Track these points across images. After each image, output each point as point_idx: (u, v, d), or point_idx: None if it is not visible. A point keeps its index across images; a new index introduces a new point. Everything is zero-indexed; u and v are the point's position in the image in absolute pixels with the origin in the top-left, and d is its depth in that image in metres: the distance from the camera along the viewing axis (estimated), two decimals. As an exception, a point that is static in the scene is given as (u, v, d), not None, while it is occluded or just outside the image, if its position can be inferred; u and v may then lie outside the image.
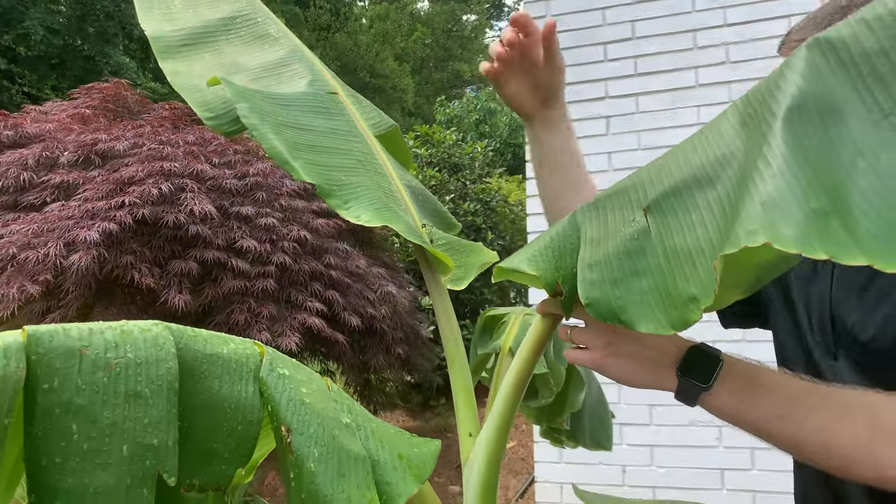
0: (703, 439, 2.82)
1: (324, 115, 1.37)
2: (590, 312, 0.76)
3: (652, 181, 0.77)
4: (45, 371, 0.61)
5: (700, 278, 0.65)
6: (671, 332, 0.67)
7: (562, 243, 0.87)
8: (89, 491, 0.61)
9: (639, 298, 0.71)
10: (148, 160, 3.06)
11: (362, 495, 0.74)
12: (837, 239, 0.52)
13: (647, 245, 0.72)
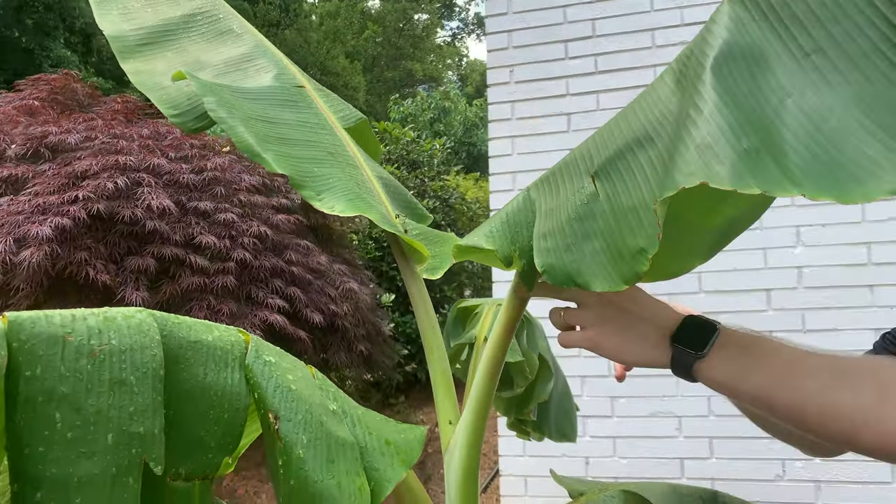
0: (663, 430, 2.88)
1: (292, 108, 1.36)
2: (546, 280, 0.77)
3: (598, 148, 0.79)
4: (27, 358, 0.59)
5: (645, 230, 0.66)
6: (623, 287, 0.69)
7: (517, 218, 0.89)
8: (73, 480, 0.59)
9: (591, 259, 0.73)
10: (101, 154, 2.97)
11: (352, 481, 0.74)
12: (769, 174, 0.55)
13: (596, 208, 0.74)
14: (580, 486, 1.20)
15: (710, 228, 0.85)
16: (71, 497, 0.59)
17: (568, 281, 0.75)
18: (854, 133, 0.52)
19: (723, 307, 2.86)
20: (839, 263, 2.72)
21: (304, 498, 0.71)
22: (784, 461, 2.73)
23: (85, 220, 2.71)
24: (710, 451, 2.80)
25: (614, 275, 0.71)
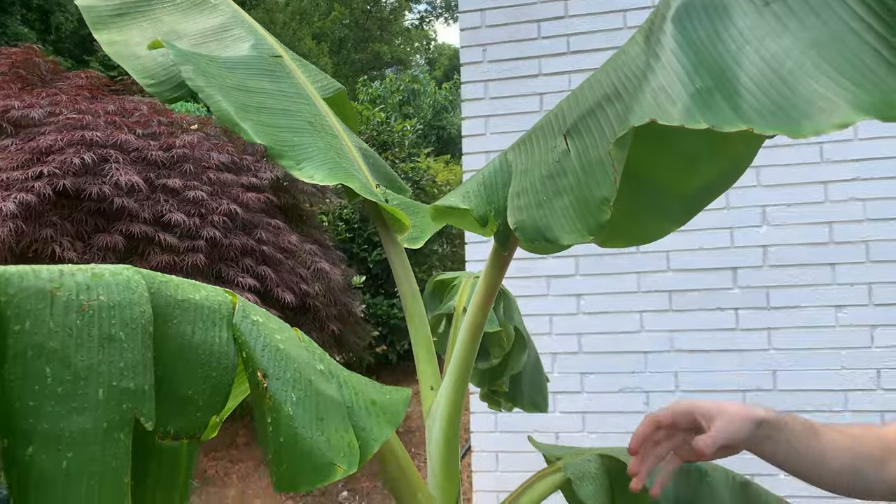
0: (631, 405, 2.95)
1: (269, 78, 1.35)
2: (518, 236, 0.79)
3: (571, 108, 0.81)
4: (15, 312, 0.59)
5: (609, 180, 0.68)
6: (589, 238, 0.71)
7: (494, 179, 0.90)
8: (65, 435, 0.59)
9: (561, 214, 0.75)
10: (66, 129, 2.90)
11: (341, 437, 0.75)
12: (720, 112, 0.57)
13: (567, 165, 0.76)
14: (557, 451, 1.23)
15: (683, 194, 0.87)
16: (63, 451, 0.59)
17: (538, 236, 0.77)
18: (809, 73, 0.54)
19: (690, 285, 2.92)
20: (802, 242, 2.79)
21: (294, 454, 0.72)
22: (748, 434, 2.81)
23: (50, 197, 2.65)
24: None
25: (581, 227, 0.72)
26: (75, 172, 2.75)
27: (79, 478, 0.59)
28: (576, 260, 3.09)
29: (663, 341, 2.95)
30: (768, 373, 2.80)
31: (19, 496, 0.58)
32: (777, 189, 2.84)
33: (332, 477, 0.72)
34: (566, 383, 3.03)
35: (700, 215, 3.00)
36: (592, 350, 3.04)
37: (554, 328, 3.09)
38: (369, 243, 5.84)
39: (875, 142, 2.74)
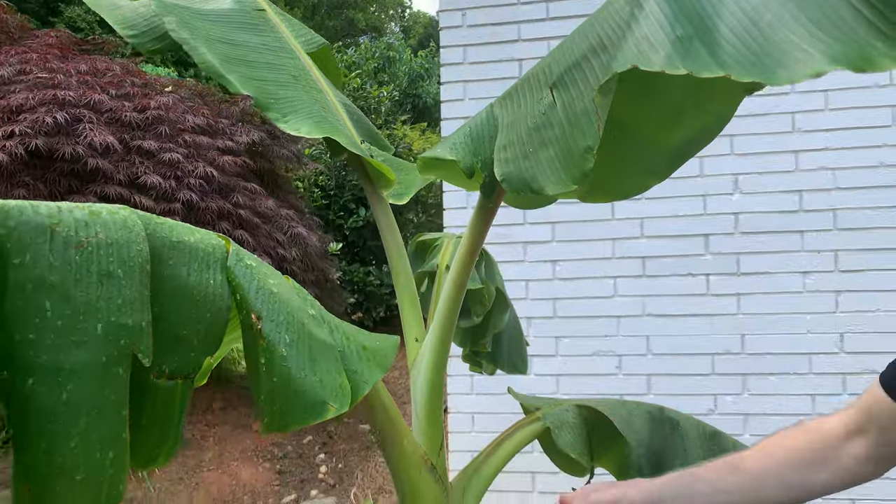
0: (604, 368, 3.01)
1: (253, 31, 1.34)
2: (504, 187, 0.80)
3: (557, 61, 0.83)
4: (15, 245, 0.59)
5: (593, 130, 0.70)
6: (572, 187, 0.73)
7: (480, 132, 0.91)
8: (65, 368, 0.60)
9: (546, 165, 0.76)
10: (37, 88, 2.83)
11: (333, 379, 0.77)
12: (699, 59, 0.60)
13: (553, 117, 0.77)
14: (536, 402, 1.26)
15: (666, 147, 0.89)
16: (63, 384, 0.60)
17: (524, 187, 0.78)
18: (786, 25, 0.57)
19: (663, 252, 2.97)
20: (773, 210, 2.85)
21: (287, 394, 0.74)
22: (716, 396, 2.90)
23: (22, 157, 2.60)
24: (647, 387, 2.95)
25: (565, 177, 0.74)
26: (48, 132, 2.70)
27: (78, 410, 0.60)
28: (552, 227, 3.13)
29: (636, 306, 3.01)
30: (736, 337, 2.88)
31: (19, 429, 0.59)
32: (749, 158, 2.89)
33: (324, 415, 0.74)
34: (541, 347, 3.09)
35: (674, 183, 3.05)
36: (567, 315, 3.09)
37: (530, 293, 3.13)
38: (345, 210, 5.82)
39: (846, 112, 2.79)
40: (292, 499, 3.42)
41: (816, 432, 0.99)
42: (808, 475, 0.96)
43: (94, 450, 0.61)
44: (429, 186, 6.63)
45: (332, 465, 3.67)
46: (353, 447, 3.79)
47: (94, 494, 0.62)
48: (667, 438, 1.28)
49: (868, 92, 2.76)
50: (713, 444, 1.34)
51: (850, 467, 0.95)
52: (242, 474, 3.56)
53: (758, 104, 2.86)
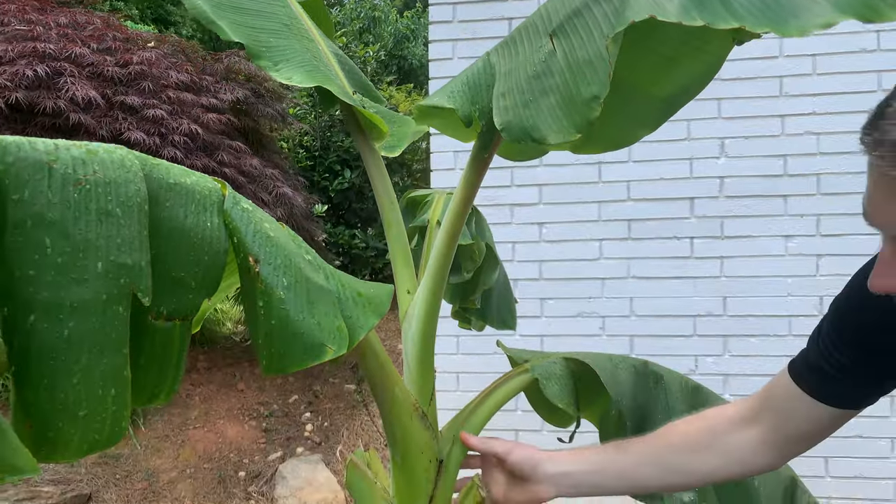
0: (588, 329, 3.06)
1: (244, -22, 1.31)
2: (504, 136, 0.80)
3: (556, 9, 0.82)
4: (13, 182, 0.59)
5: (598, 77, 0.70)
6: (576, 136, 0.73)
7: (478, 80, 0.91)
8: (66, 304, 0.60)
9: (548, 114, 0.76)
10: (16, 40, 2.76)
11: (331, 322, 0.78)
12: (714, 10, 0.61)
13: (553, 65, 0.77)
14: (524, 354, 1.28)
15: (658, 97, 0.90)
16: (64, 321, 0.60)
17: (525, 136, 0.78)
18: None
19: (649, 214, 3.00)
20: (758, 174, 2.88)
21: (285, 336, 0.75)
22: (697, 357, 2.96)
23: (2, 110, 2.54)
24: (630, 348, 3.00)
25: (568, 126, 0.74)
26: (28, 86, 2.64)
27: (80, 347, 0.61)
28: (539, 189, 3.14)
29: (621, 268, 3.04)
30: (719, 299, 2.93)
31: (21, 365, 0.60)
32: (736, 122, 2.90)
33: (322, 357, 0.76)
34: (526, 308, 3.12)
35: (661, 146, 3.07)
36: (552, 276, 3.12)
37: (516, 255, 3.16)
38: (330, 172, 5.78)
39: (833, 77, 2.81)
40: (278, 456, 3.47)
41: (711, 418, 1.01)
42: (691, 460, 0.98)
43: (96, 386, 0.62)
44: (415, 151, 6.59)
45: (318, 423, 3.72)
46: (339, 406, 3.83)
47: (97, 430, 0.63)
48: (650, 391, 1.31)
49: (855, 57, 2.78)
50: (695, 397, 1.37)
51: (741, 455, 0.96)
52: (228, 432, 3.59)
53: (747, 68, 2.87)
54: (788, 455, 0.96)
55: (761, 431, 0.95)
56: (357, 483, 1.07)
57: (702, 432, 0.99)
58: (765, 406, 0.96)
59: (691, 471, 0.98)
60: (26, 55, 2.70)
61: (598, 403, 1.31)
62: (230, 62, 3.82)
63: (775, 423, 0.94)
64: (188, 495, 3.16)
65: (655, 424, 1.30)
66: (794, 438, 0.94)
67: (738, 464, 0.97)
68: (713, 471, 0.98)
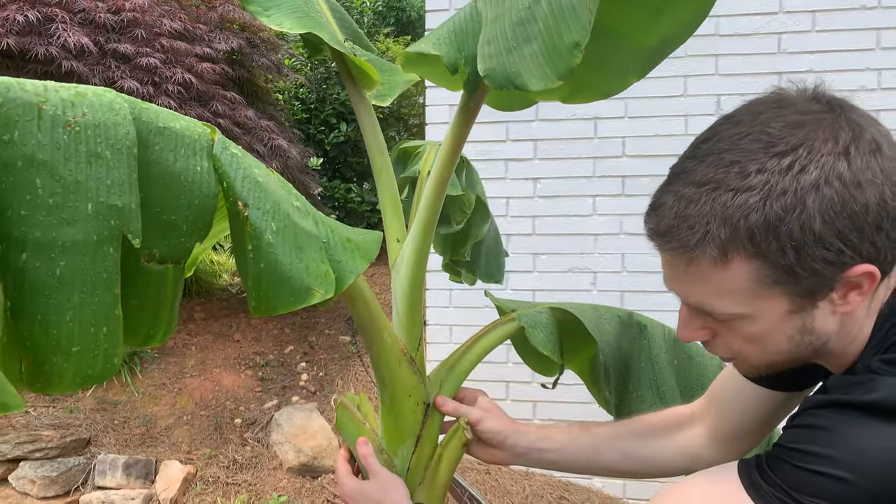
0: (579, 284, 3.09)
1: (233, -77, 1.29)
2: (487, 83, 0.80)
3: None
4: (3, 122, 0.60)
5: (580, 24, 0.70)
6: (558, 83, 0.73)
7: (464, 28, 0.91)
8: (58, 244, 0.62)
9: (530, 61, 0.76)
10: (5, -17, 2.72)
11: (318, 266, 0.80)
12: None
13: (537, 11, 0.76)
14: (511, 304, 1.31)
15: (645, 45, 0.90)
16: (56, 259, 0.62)
17: (507, 83, 0.78)
18: None
19: (643, 171, 3.00)
20: (753, 132, 2.87)
21: (273, 279, 0.77)
22: (686, 312, 3.00)
23: (-8, 56, 2.52)
24: (621, 303, 3.04)
25: (550, 73, 0.74)
26: (19, 31, 2.60)
27: (72, 285, 0.63)
28: (534, 144, 3.13)
29: (613, 224, 3.06)
30: (709, 256, 2.95)
31: (16, 301, 0.62)
32: (733, 78, 2.89)
33: (309, 300, 0.78)
34: (519, 263, 3.15)
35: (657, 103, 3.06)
36: (545, 232, 3.14)
37: (510, 210, 3.17)
38: (326, 125, 5.74)
39: (832, 34, 2.78)
40: (274, 404, 3.53)
41: (672, 413, 1.08)
42: (649, 447, 1.04)
43: (88, 324, 0.64)
44: (412, 105, 6.53)
45: (313, 373, 3.78)
46: (334, 357, 3.89)
47: (89, 365, 0.65)
48: (634, 340, 1.34)
49: (855, 14, 2.75)
50: (677, 347, 1.40)
51: (692, 449, 1.02)
52: (225, 381, 3.65)
53: (745, 24, 2.84)
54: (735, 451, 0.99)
55: (707, 428, 1.01)
56: (346, 423, 1.11)
57: (657, 425, 1.06)
58: (710, 401, 1.02)
59: (647, 458, 1.04)
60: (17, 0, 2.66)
61: (583, 352, 1.35)
62: (224, 11, 3.76)
63: (721, 418, 0.99)
64: (185, 440, 3.23)
65: (639, 374, 1.34)
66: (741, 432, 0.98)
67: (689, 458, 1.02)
68: (667, 463, 1.04)
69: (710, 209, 0.64)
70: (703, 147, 0.68)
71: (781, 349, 0.71)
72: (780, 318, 0.67)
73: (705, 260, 0.66)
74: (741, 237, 0.63)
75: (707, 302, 0.70)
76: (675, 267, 0.71)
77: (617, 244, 3.06)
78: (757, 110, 0.68)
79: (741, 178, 0.63)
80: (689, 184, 0.66)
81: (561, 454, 1.06)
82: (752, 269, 0.64)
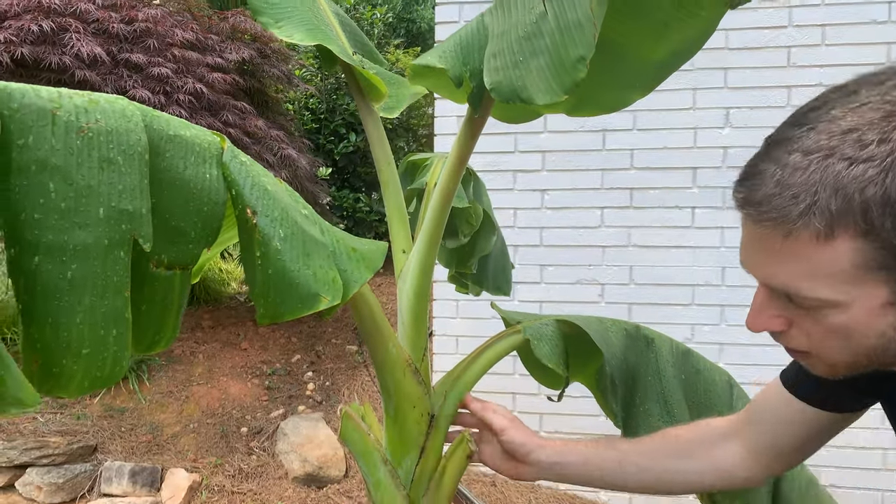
0: (587, 295, 3.09)
1: (246, -65, 1.31)
2: (494, 96, 0.81)
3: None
4: (18, 127, 0.61)
5: (586, 39, 0.71)
6: (563, 97, 0.74)
7: (470, 41, 0.92)
8: (69, 247, 0.63)
9: (537, 75, 0.77)
10: (21, -7, 2.76)
11: (326, 273, 0.80)
12: None
13: (544, 27, 0.78)
14: (517, 316, 1.31)
15: (652, 61, 0.91)
16: (67, 262, 0.63)
17: (514, 96, 0.80)
18: None
19: (651, 183, 3.01)
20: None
21: (281, 285, 0.77)
22: (694, 326, 2.99)
23: (8, 65, 2.55)
24: (628, 315, 3.03)
25: (556, 87, 0.75)
26: (33, 41, 2.63)
27: (82, 288, 0.63)
28: (543, 156, 3.14)
29: (621, 236, 3.06)
30: (718, 269, 2.95)
31: (27, 303, 0.63)
32: (742, 91, 2.89)
33: (316, 306, 0.78)
34: (526, 274, 3.15)
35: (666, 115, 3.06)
36: (553, 243, 3.14)
37: (518, 221, 3.17)
38: (336, 135, 5.77)
39: (842, 48, 2.79)
40: (280, 413, 3.54)
41: (701, 428, 1.03)
42: (675, 465, 1.00)
43: (98, 327, 0.65)
44: (421, 115, 6.56)
45: (320, 382, 3.78)
46: (340, 367, 3.89)
47: (99, 368, 0.66)
48: (641, 354, 1.34)
49: (865, 28, 2.75)
50: (685, 361, 1.39)
51: (724, 467, 0.98)
52: (232, 389, 3.66)
53: (754, 37, 2.84)
54: (768, 470, 0.96)
55: (743, 444, 0.97)
56: (351, 434, 1.11)
57: (690, 440, 1.01)
58: (748, 420, 0.97)
59: (672, 476, 1.00)
60: (31, 10, 2.70)
61: (590, 365, 1.34)
62: (236, 21, 3.80)
63: (759, 436, 0.94)
64: (191, 448, 3.24)
65: (646, 387, 1.34)
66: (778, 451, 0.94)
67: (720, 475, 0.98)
68: (694, 479, 1.00)
69: (820, 178, 0.57)
70: (811, 115, 0.62)
71: (868, 346, 0.64)
72: (875, 309, 0.60)
73: (806, 234, 0.59)
74: (854, 211, 0.56)
75: (795, 284, 0.63)
76: (765, 242, 0.63)
77: (625, 256, 3.06)
78: (875, 80, 0.61)
79: (859, 147, 0.56)
80: (794, 151, 0.59)
81: (587, 468, 1.03)
82: (858, 249, 0.57)
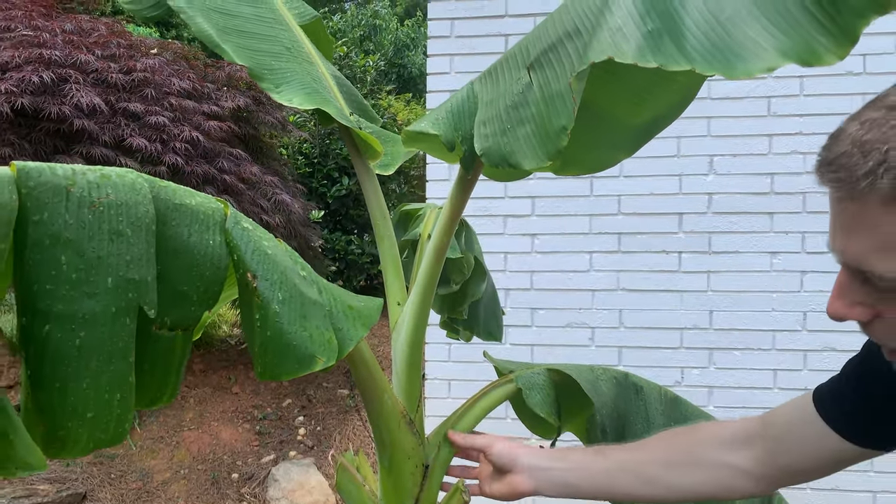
0: (577, 339, 3.12)
1: (248, 2, 1.37)
2: (484, 161, 0.86)
3: (534, 42, 0.88)
4: (35, 204, 0.65)
5: (567, 110, 0.75)
6: (547, 163, 0.78)
7: (461, 108, 0.97)
8: (79, 316, 0.66)
9: (524, 142, 0.82)
10: (23, 46, 2.82)
11: (322, 334, 0.83)
12: (667, 52, 0.65)
13: (530, 97, 0.83)
14: (509, 365, 1.34)
15: (635, 125, 0.96)
16: (76, 330, 0.66)
17: (502, 161, 0.84)
18: (744, 20, 0.63)
19: (638, 228, 3.06)
20: (745, 192, 2.95)
21: (279, 347, 0.81)
22: (683, 369, 3.02)
23: (8, 115, 2.60)
24: (618, 359, 3.06)
25: (541, 153, 0.80)
26: (34, 91, 2.69)
27: (90, 355, 0.67)
28: (532, 201, 3.20)
29: (611, 280, 3.10)
30: (705, 313, 2.99)
31: (36, 370, 0.65)
32: (725, 140, 2.97)
33: (312, 367, 0.81)
34: (517, 317, 3.18)
35: (651, 162, 3.13)
36: (543, 287, 3.18)
37: (508, 265, 3.22)
38: (328, 179, 5.84)
39: (819, 98, 2.88)
40: (271, 459, 3.51)
41: (701, 434, 0.98)
42: (672, 473, 0.95)
43: (103, 391, 0.67)
44: (412, 159, 6.66)
45: (311, 427, 3.76)
46: (332, 411, 3.88)
47: (102, 430, 0.68)
48: (630, 402, 1.37)
49: (841, 79, 2.85)
50: (674, 409, 1.42)
51: (727, 477, 0.93)
52: (222, 434, 3.64)
53: (736, 87, 2.94)
54: (773, 485, 0.93)
55: (750, 458, 0.92)
56: (347, 485, 1.13)
57: (688, 446, 0.97)
58: (762, 433, 0.92)
59: (668, 484, 0.96)
60: (33, 61, 2.76)
61: (581, 414, 1.37)
62: (231, 70, 3.88)
63: (772, 451, 0.90)
64: (182, 495, 3.20)
65: (636, 435, 1.36)
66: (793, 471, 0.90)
67: (718, 484, 0.94)
68: (697, 488, 0.95)
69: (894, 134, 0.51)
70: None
71: None
72: None
73: (873, 197, 0.52)
74: None
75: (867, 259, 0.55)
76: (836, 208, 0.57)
77: (614, 300, 3.10)
78: None
79: None
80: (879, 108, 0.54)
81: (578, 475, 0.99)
82: None
